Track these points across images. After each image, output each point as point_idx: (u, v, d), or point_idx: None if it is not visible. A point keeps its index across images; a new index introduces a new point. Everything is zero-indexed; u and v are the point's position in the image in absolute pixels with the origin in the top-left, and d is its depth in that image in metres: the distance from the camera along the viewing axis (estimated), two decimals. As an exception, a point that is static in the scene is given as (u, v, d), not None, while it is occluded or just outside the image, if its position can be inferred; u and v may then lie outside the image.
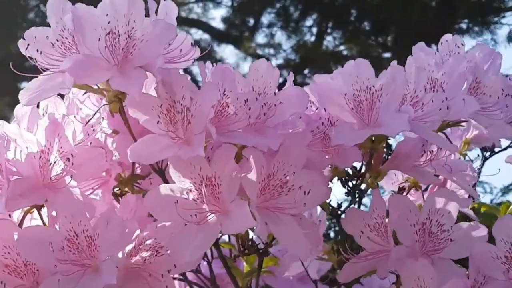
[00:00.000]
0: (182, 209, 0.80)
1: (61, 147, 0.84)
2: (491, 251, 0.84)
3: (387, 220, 0.89)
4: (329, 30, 7.11)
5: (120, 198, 0.93)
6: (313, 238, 0.87)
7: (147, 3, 0.83)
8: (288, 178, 0.83)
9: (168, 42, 0.82)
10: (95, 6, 0.81)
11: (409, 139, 0.96)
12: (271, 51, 7.23)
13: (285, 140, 0.84)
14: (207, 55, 0.91)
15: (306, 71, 6.74)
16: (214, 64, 0.87)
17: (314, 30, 7.15)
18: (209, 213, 0.80)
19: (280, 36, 7.17)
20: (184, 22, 7.25)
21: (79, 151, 0.86)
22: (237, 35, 7.22)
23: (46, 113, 0.90)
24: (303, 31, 7.13)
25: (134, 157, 0.81)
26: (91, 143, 0.90)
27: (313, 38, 7.11)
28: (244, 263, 1.17)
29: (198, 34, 7.34)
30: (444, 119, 0.93)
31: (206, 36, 7.30)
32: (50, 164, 0.84)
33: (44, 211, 0.87)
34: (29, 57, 0.83)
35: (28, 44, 0.83)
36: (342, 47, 7.16)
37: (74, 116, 0.89)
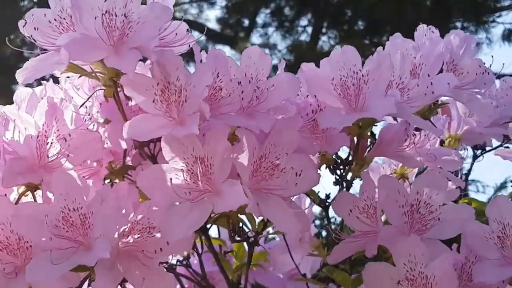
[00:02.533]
0: (175, 187, 0.80)
1: (58, 130, 0.86)
2: (484, 231, 0.85)
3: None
4: (324, 30, 7.11)
5: (111, 189, 0.94)
6: (303, 218, 0.89)
7: None
8: (279, 160, 0.84)
9: (164, 23, 0.83)
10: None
11: (391, 124, 0.97)
12: (267, 51, 7.22)
13: (277, 124, 0.85)
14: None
15: (301, 71, 6.73)
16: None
17: (309, 30, 7.17)
18: (201, 193, 0.80)
19: (275, 36, 7.17)
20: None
21: (75, 134, 0.87)
22: (232, 35, 7.22)
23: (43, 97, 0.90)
24: (298, 31, 7.14)
25: (129, 134, 0.81)
26: (87, 128, 0.91)
27: (308, 38, 7.12)
28: (234, 259, 1.19)
29: (194, 35, 7.31)
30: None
31: (201, 37, 7.30)
32: (48, 145, 0.85)
33: (38, 194, 0.88)
34: (27, 36, 0.83)
35: (26, 22, 0.84)
36: (337, 47, 7.18)
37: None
